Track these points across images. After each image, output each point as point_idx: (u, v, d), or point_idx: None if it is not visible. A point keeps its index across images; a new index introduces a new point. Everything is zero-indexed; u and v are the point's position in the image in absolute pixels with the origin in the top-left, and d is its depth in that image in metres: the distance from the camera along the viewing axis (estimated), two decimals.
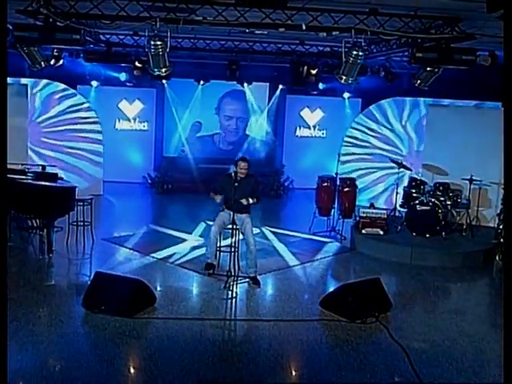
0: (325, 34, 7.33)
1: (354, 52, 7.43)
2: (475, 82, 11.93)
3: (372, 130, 14.31)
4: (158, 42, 7.59)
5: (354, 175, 13.00)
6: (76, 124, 14.14)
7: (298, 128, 16.83)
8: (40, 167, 10.71)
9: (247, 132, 16.63)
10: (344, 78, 7.81)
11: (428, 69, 8.28)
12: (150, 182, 15.87)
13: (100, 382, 5.37)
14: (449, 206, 10.81)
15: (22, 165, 10.63)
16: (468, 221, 10.94)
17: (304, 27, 7.23)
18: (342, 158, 13.58)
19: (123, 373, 5.64)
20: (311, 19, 7.35)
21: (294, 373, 5.97)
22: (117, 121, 16.01)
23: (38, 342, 6.13)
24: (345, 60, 7.59)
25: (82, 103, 14.30)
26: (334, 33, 7.27)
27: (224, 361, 5.96)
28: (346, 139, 14.51)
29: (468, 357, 6.36)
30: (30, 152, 13.43)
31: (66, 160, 13.97)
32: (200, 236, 10.84)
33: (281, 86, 16.04)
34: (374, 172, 14.15)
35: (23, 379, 5.33)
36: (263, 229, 11.59)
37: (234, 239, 8.25)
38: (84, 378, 5.40)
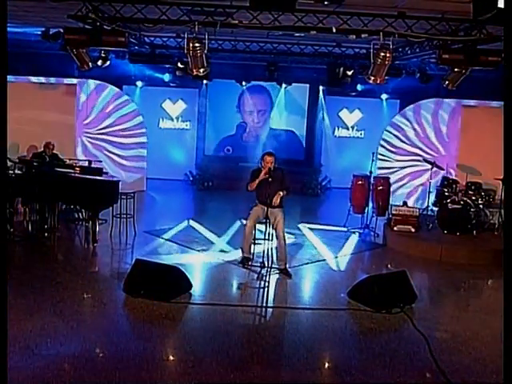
0: (354, 37, 7.67)
1: (382, 53, 7.74)
2: None
3: (408, 130, 14.49)
4: (197, 44, 8.02)
5: (389, 174, 13.24)
6: (121, 122, 14.72)
7: (336, 128, 17.13)
8: (87, 162, 11.35)
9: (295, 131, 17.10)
10: (372, 78, 8.13)
11: (456, 70, 8.51)
12: (191, 179, 16.41)
13: (137, 356, 5.81)
14: (481, 205, 10.98)
15: (70, 160, 11.29)
16: (500, 220, 11.08)
17: (334, 30, 7.58)
18: (379, 158, 13.89)
19: (158, 349, 6.07)
20: (342, 22, 7.71)
21: (316, 354, 6.26)
22: (160, 120, 16.63)
23: (83, 321, 6.66)
24: (373, 61, 7.91)
25: (128, 103, 14.88)
26: (363, 35, 7.59)
27: (252, 342, 6.34)
28: (383, 139, 14.72)
29: (487, 346, 6.57)
30: (78, 148, 14.11)
31: (112, 156, 14.59)
32: (236, 231, 11.26)
33: (321, 88, 16.40)
34: (408, 171, 14.32)
35: (69, 352, 5.81)
36: (299, 225, 11.94)
37: (267, 232, 8.63)
38: (123, 353, 5.86)
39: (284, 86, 15.98)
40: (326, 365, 6.19)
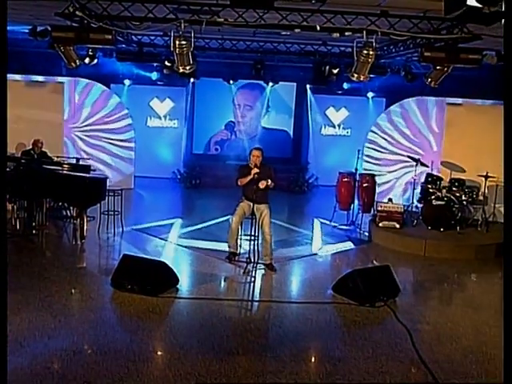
0: (338, 35, 7.81)
1: (365, 51, 7.85)
2: (494, 81, 12.22)
3: (393, 128, 14.57)
4: (183, 42, 8.07)
5: (374, 172, 13.38)
6: (109, 121, 14.69)
7: (323, 127, 17.25)
8: (74, 160, 11.42)
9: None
10: (356, 75, 8.26)
11: (438, 68, 8.66)
12: (179, 177, 16.45)
13: (124, 348, 5.91)
14: (464, 202, 11.15)
15: (58, 157, 11.35)
16: (483, 216, 11.26)
17: (318, 28, 7.71)
18: (365, 155, 14.04)
19: (145, 342, 6.16)
20: (325, 20, 7.84)
21: (301, 346, 6.35)
22: (148, 118, 16.66)
23: (70, 315, 6.75)
24: (356, 59, 8.04)
25: (116, 101, 14.85)
26: (346, 33, 7.72)
27: (237, 335, 6.46)
28: (369, 137, 14.82)
29: (468, 337, 6.73)
30: (65, 146, 14.14)
31: (100, 155, 14.60)
32: (223, 227, 11.32)
33: (308, 86, 16.52)
34: (393, 168, 14.43)
35: (57, 346, 5.89)
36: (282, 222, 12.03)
37: (253, 228, 8.73)
38: (110, 345, 5.95)
39: (271, 84, 16.06)
40: (310, 356, 6.32)
